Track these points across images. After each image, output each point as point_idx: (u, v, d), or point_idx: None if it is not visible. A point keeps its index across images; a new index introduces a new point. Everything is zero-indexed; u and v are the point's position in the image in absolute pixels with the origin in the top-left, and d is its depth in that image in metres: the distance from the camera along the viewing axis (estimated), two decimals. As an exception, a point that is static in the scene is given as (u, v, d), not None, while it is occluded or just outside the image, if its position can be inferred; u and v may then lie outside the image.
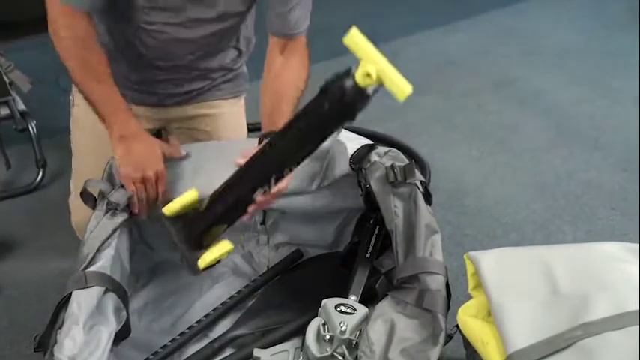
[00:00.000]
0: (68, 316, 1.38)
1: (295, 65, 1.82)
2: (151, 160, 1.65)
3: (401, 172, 1.66)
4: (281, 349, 1.62)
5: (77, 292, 1.44)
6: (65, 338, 1.32)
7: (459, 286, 1.86)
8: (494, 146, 2.84)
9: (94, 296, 1.47)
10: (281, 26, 1.80)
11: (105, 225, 1.59)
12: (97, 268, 1.50)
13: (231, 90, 2.05)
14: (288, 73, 1.81)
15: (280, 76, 1.81)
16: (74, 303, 1.41)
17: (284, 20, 1.78)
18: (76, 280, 1.46)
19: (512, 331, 1.30)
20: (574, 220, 2.37)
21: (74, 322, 1.37)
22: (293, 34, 1.81)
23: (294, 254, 1.99)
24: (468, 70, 3.53)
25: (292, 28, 1.80)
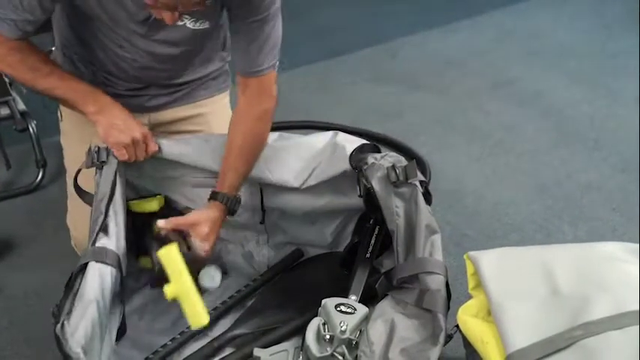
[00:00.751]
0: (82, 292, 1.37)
1: (253, 112, 1.78)
2: (132, 123, 1.71)
3: (402, 172, 1.66)
4: (281, 348, 1.62)
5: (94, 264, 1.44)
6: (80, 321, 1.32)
7: (458, 286, 1.86)
8: (493, 147, 2.83)
9: (107, 275, 1.46)
10: (243, 64, 1.75)
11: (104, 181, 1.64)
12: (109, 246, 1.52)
13: (217, 87, 2.05)
14: (245, 121, 1.79)
15: (236, 124, 1.80)
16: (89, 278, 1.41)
17: (246, 58, 1.74)
18: (95, 252, 1.47)
19: (512, 330, 1.30)
20: (574, 221, 2.37)
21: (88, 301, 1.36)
22: (256, 71, 1.74)
23: (294, 254, 1.99)
24: (468, 71, 3.53)
25: (255, 66, 1.74)
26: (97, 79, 1.87)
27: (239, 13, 1.68)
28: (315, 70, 3.52)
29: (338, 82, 3.40)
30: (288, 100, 3.15)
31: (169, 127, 2.00)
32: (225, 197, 1.77)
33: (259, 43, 1.71)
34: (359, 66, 3.58)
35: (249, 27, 1.69)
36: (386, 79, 3.44)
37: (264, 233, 2.01)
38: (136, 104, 1.91)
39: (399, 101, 3.21)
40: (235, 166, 1.78)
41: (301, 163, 1.83)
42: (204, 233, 1.74)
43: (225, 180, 1.78)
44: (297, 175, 1.83)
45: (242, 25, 1.69)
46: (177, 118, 2.00)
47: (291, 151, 1.84)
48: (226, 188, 1.78)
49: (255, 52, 1.71)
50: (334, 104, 3.16)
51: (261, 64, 1.73)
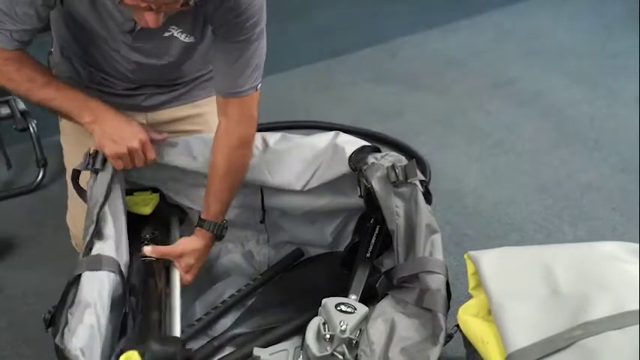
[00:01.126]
0: (79, 299, 1.38)
1: (234, 138, 1.75)
2: (129, 132, 1.69)
3: (402, 172, 1.66)
4: (281, 348, 1.62)
5: (88, 273, 1.45)
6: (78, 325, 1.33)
7: (459, 285, 1.86)
8: (493, 147, 2.83)
9: (105, 281, 1.47)
10: (224, 84, 1.71)
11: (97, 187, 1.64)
12: (106, 252, 1.53)
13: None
14: (226, 148, 1.76)
15: (218, 151, 1.77)
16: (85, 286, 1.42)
17: (228, 78, 1.70)
18: (88, 262, 1.48)
19: (512, 330, 1.30)
20: (574, 220, 2.37)
21: (85, 306, 1.37)
22: (237, 92, 1.70)
23: (294, 253, 1.99)
24: (468, 71, 3.53)
25: (236, 87, 1.70)
26: (94, 79, 1.87)
27: (222, 31, 1.65)
28: (316, 70, 3.52)
29: (338, 82, 3.40)
30: (288, 99, 3.17)
31: (167, 126, 1.99)
32: (212, 225, 1.78)
33: (242, 63, 1.67)
34: (359, 66, 3.58)
35: (232, 46, 1.66)
36: (386, 78, 3.44)
37: (264, 232, 2.01)
38: (133, 104, 1.91)
39: (399, 101, 3.21)
40: (219, 194, 1.79)
41: (303, 165, 1.82)
42: (189, 265, 1.76)
43: (210, 208, 1.79)
44: (299, 178, 1.83)
45: (225, 44, 1.66)
46: (175, 118, 1.99)
47: (293, 154, 1.84)
48: (211, 216, 1.78)
49: (238, 72, 1.68)
50: (334, 104, 3.16)
51: (242, 85, 1.69)
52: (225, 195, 1.80)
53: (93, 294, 1.41)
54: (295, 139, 1.87)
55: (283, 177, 1.84)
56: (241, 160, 1.79)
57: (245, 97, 1.71)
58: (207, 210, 1.79)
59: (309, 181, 1.82)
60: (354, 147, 1.78)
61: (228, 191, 1.80)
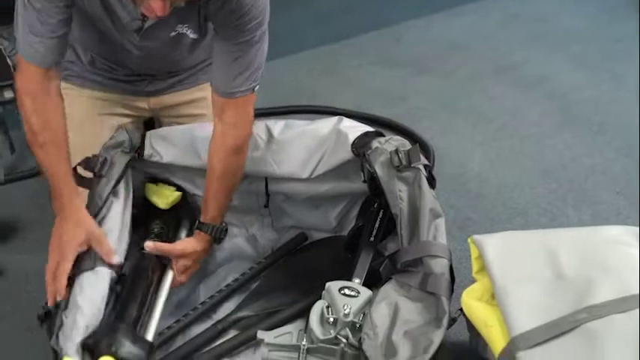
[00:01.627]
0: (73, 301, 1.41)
1: (230, 141, 1.73)
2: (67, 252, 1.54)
3: (405, 156, 1.66)
4: (284, 331, 1.63)
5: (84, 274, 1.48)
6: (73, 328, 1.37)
7: (462, 269, 1.86)
8: (498, 131, 2.82)
9: (101, 279, 1.48)
10: (223, 84, 1.69)
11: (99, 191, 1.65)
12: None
13: None
14: (223, 151, 1.74)
15: (215, 154, 1.75)
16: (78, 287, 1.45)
17: (226, 78, 1.67)
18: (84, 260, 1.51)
19: (516, 314, 1.31)
20: (578, 204, 2.36)
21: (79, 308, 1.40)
22: (235, 92, 1.68)
23: (298, 237, 1.99)
24: (473, 55, 3.51)
25: (234, 87, 1.67)
26: (95, 64, 1.87)
27: (224, 32, 1.62)
28: (320, 54, 3.50)
29: (342, 66, 3.39)
30: (292, 84, 3.16)
31: (171, 110, 2.00)
32: (210, 228, 1.77)
33: (242, 64, 1.64)
34: (363, 50, 3.56)
35: (233, 47, 1.63)
36: (390, 63, 3.43)
37: (268, 217, 2.01)
38: (136, 89, 1.91)
39: (403, 85, 3.20)
40: (217, 196, 1.78)
41: (307, 154, 1.82)
42: (186, 266, 1.76)
43: (209, 210, 1.78)
44: (304, 167, 1.83)
45: (226, 44, 1.64)
46: (178, 102, 2.00)
47: (297, 143, 1.83)
48: (210, 219, 1.78)
49: (237, 73, 1.65)
50: (339, 88, 3.15)
51: (240, 86, 1.67)
52: (223, 197, 1.79)
53: (87, 295, 1.44)
54: (299, 127, 1.86)
55: (289, 167, 1.84)
56: (237, 163, 1.77)
57: (241, 99, 1.69)
58: (206, 213, 1.78)
59: (314, 170, 1.83)
60: (357, 132, 1.78)
61: (226, 193, 1.79)
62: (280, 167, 1.85)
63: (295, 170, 1.83)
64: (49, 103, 1.61)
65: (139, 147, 1.79)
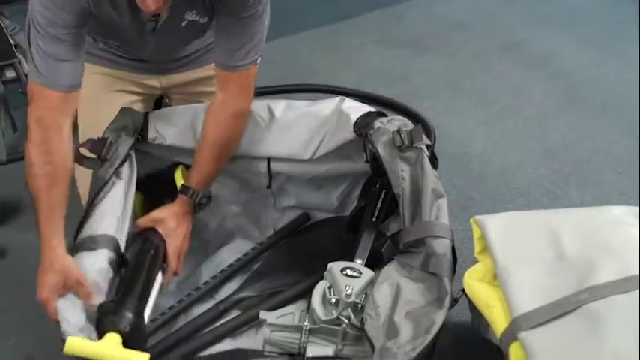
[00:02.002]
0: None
1: (229, 110, 1.74)
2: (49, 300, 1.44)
3: (407, 136, 1.66)
4: (287, 311, 1.63)
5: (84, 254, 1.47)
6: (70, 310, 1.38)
7: (464, 250, 1.86)
8: (501, 111, 2.82)
9: (101, 260, 1.48)
10: (225, 57, 1.69)
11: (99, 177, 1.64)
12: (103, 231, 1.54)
13: None
14: (220, 119, 1.75)
15: (211, 121, 1.75)
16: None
17: (229, 52, 1.68)
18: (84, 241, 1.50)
19: (517, 294, 1.31)
20: (581, 185, 2.36)
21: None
22: (237, 65, 1.69)
23: (301, 217, 2.00)
24: (476, 33, 3.50)
25: (237, 60, 1.68)
26: (108, 44, 1.87)
27: (226, 7, 1.62)
28: (322, 33, 3.49)
29: (345, 45, 3.38)
30: (294, 63, 3.15)
31: (182, 88, 2.01)
32: (192, 191, 1.75)
33: (244, 38, 1.66)
34: (366, 29, 3.55)
35: (235, 22, 1.63)
36: (393, 42, 3.42)
37: (270, 197, 2.01)
38: (147, 67, 1.91)
39: (405, 64, 3.19)
40: (205, 162, 1.76)
41: (309, 135, 1.82)
42: (170, 229, 1.72)
43: (194, 175, 1.77)
44: (306, 148, 1.83)
45: (227, 19, 1.64)
46: (188, 80, 2.00)
47: (299, 124, 1.83)
48: (194, 183, 1.76)
49: (239, 46, 1.66)
50: (340, 67, 3.14)
51: (242, 59, 1.68)
52: (211, 165, 1.77)
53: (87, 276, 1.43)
54: (301, 108, 1.86)
55: (290, 148, 1.84)
56: (232, 131, 1.77)
57: (244, 71, 1.70)
58: (191, 177, 1.77)
59: (316, 151, 1.82)
60: (359, 113, 1.77)
61: (214, 162, 1.77)
62: (282, 148, 1.84)
63: (297, 151, 1.83)
64: (57, 136, 1.56)
65: (142, 129, 1.79)
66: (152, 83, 1.98)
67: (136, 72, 1.94)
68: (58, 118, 1.56)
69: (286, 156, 1.85)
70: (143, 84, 1.97)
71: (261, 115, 1.83)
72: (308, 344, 1.54)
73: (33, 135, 1.55)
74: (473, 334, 1.60)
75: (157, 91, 2.02)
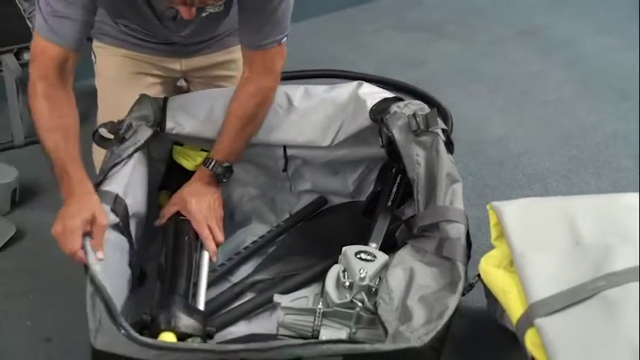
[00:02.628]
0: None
1: (253, 89, 1.76)
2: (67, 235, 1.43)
3: (423, 120, 1.65)
4: (301, 295, 1.64)
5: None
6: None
7: (481, 236, 1.85)
8: (518, 96, 2.80)
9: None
10: (250, 38, 1.72)
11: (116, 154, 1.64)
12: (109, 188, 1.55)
13: None
14: (245, 97, 1.77)
15: (236, 97, 1.78)
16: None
17: (254, 32, 1.70)
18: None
19: (534, 281, 1.30)
20: (598, 171, 2.35)
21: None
22: (262, 44, 1.71)
23: (317, 201, 1.99)
24: (494, 19, 3.47)
25: (262, 40, 1.70)
26: (130, 29, 1.87)
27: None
28: (340, 18, 3.47)
29: (363, 30, 3.36)
30: (312, 48, 3.14)
31: (202, 72, 2.02)
32: (211, 161, 1.77)
33: (265, 18, 1.66)
34: (384, 14, 3.53)
35: (259, 2, 1.64)
36: (411, 27, 3.40)
37: (286, 181, 2.01)
38: (168, 50, 1.91)
39: (423, 49, 3.17)
40: (227, 137, 1.78)
41: (327, 121, 1.84)
42: (192, 203, 1.72)
43: (215, 146, 1.78)
44: (324, 135, 1.84)
45: (252, 2, 1.65)
46: (209, 64, 2.01)
47: (317, 112, 1.85)
48: (213, 153, 1.78)
49: (260, 26, 1.68)
50: (358, 52, 3.13)
51: (265, 39, 1.69)
52: (232, 139, 1.78)
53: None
54: (318, 95, 1.87)
55: (309, 136, 1.86)
56: (254, 109, 1.78)
57: (267, 51, 1.72)
58: (213, 149, 1.79)
59: (334, 138, 1.84)
60: (376, 99, 1.78)
61: (236, 136, 1.78)
62: (300, 136, 1.86)
63: (315, 138, 1.85)
64: (62, 92, 1.57)
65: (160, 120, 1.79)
66: (173, 66, 1.98)
67: (157, 55, 1.94)
68: (62, 75, 1.57)
69: (304, 143, 1.87)
70: (163, 67, 1.97)
71: (279, 104, 1.84)
72: (322, 327, 1.55)
73: (39, 89, 1.55)
74: (488, 320, 1.60)
75: (177, 74, 2.02)
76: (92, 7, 1.58)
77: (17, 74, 2.27)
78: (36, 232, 2.04)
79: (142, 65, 1.94)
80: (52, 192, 2.19)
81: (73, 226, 1.40)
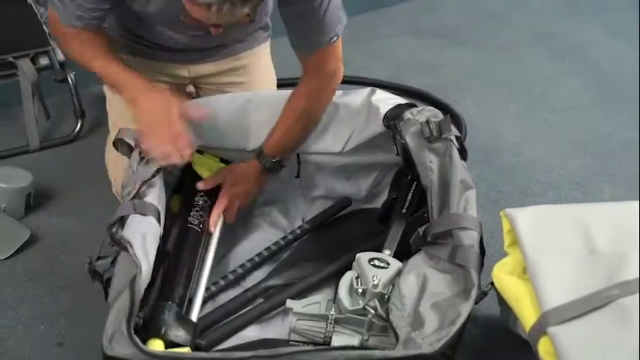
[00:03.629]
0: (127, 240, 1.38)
1: (302, 87, 1.81)
2: (161, 122, 1.62)
3: (436, 127, 1.65)
4: (313, 300, 1.63)
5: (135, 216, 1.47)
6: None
7: (494, 243, 1.85)
8: (532, 102, 2.79)
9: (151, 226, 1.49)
10: (293, 40, 1.74)
11: (141, 172, 1.60)
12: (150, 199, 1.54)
13: (257, 40, 2.05)
14: (295, 93, 1.82)
15: (292, 96, 1.82)
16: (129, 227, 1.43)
17: (295, 35, 1.73)
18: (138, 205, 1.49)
19: (547, 288, 1.30)
20: (613, 179, 2.34)
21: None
22: (306, 49, 1.74)
23: (342, 201, 2.00)
24: (508, 24, 3.46)
25: (305, 43, 1.73)
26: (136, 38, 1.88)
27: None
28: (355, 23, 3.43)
29: (377, 35, 3.36)
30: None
31: (211, 78, 2.02)
32: (260, 154, 1.83)
33: (310, 22, 1.67)
34: (399, 19, 3.53)
35: (294, 8, 1.66)
36: (426, 33, 3.39)
37: (299, 187, 2.01)
38: (176, 58, 1.92)
39: (437, 55, 3.17)
40: (280, 132, 1.82)
41: (339, 127, 1.85)
42: (230, 183, 1.82)
43: (268, 139, 1.83)
44: (337, 141, 1.87)
45: (296, 9, 1.66)
46: (218, 71, 2.01)
47: (329, 118, 1.87)
48: (265, 146, 1.84)
49: (305, 30, 1.70)
50: (373, 57, 3.13)
51: (312, 40, 1.71)
52: (284, 134, 1.82)
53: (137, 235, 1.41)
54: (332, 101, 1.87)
55: (321, 143, 1.88)
56: (304, 109, 1.81)
57: (318, 52, 1.73)
58: (265, 141, 1.84)
59: (346, 144, 1.86)
60: (389, 106, 1.78)
61: (287, 132, 1.82)
62: (313, 142, 1.88)
63: (328, 145, 1.87)
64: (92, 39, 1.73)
65: None
66: (181, 73, 1.98)
67: (165, 61, 1.95)
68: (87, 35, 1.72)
69: (316, 149, 1.89)
70: (172, 74, 1.98)
71: None
72: (333, 334, 1.55)
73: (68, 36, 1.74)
74: (501, 327, 1.59)
75: (185, 80, 2.03)
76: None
77: (33, 79, 2.29)
78: (50, 236, 2.05)
79: (149, 72, 1.94)
80: (66, 197, 2.22)
81: (177, 130, 1.60)
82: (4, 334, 1.74)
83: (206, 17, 1.42)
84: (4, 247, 1.97)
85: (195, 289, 1.63)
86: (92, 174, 2.20)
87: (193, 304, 1.60)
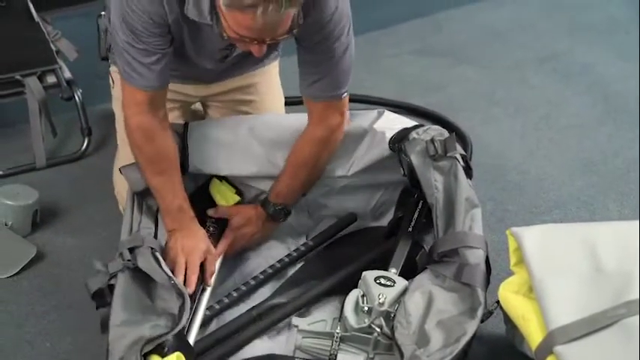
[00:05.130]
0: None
1: (307, 135, 1.81)
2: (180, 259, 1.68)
3: (441, 146, 1.66)
4: (319, 318, 1.64)
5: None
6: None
7: (500, 262, 1.84)
8: (538, 122, 2.79)
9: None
10: (302, 85, 1.75)
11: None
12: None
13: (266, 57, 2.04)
14: (300, 140, 1.83)
15: (298, 143, 1.83)
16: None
17: (304, 81, 1.74)
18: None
19: (553, 307, 1.29)
20: (619, 198, 2.33)
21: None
22: (314, 97, 1.75)
23: (347, 218, 1.99)
24: (514, 44, 3.47)
25: (313, 91, 1.74)
26: None
27: (308, 43, 1.66)
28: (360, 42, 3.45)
29: (382, 55, 3.37)
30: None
31: (220, 97, 2.02)
32: (266, 202, 1.87)
33: (324, 72, 1.70)
34: (404, 38, 3.53)
35: (311, 57, 1.68)
36: (431, 52, 3.40)
37: (304, 204, 2.01)
38: (184, 76, 1.91)
39: (443, 74, 3.17)
40: (283, 179, 1.85)
41: (344, 152, 1.86)
42: (237, 223, 1.86)
43: (273, 187, 1.87)
44: (342, 166, 1.88)
45: (306, 53, 1.68)
46: (227, 89, 2.01)
47: None
48: (270, 194, 1.87)
49: (313, 80, 1.71)
50: (378, 76, 3.13)
51: (321, 92, 1.73)
52: (287, 182, 1.84)
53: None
54: None
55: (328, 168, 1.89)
56: (307, 157, 1.82)
57: (322, 103, 1.75)
58: (271, 189, 1.87)
59: (350, 167, 1.87)
60: (394, 130, 1.79)
61: (291, 180, 1.84)
62: None
63: (331, 171, 1.88)
64: (159, 132, 1.72)
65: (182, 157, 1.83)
66: (190, 92, 1.99)
67: (173, 80, 1.95)
68: (154, 109, 1.69)
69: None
70: (180, 92, 1.97)
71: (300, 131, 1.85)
72: (339, 352, 1.54)
73: (136, 135, 1.70)
74: (507, 346, 1.58)
75: (194, 99, 2.03)
76: (168, 45, 1.63)
77: (40, 97, 2.30)
78: (56, 253, 2.05)
79: None
80: (72, 214, 2.22)
81: (194, 261, 1.66)
82: (10, 351, 1.74)
83: (251, 25, 1.38)
84: (11, 264, 1.97)
85: (194, 315, 1.64)
86: (98, 192, 2.21)
87: (192, 329, 1.60)
